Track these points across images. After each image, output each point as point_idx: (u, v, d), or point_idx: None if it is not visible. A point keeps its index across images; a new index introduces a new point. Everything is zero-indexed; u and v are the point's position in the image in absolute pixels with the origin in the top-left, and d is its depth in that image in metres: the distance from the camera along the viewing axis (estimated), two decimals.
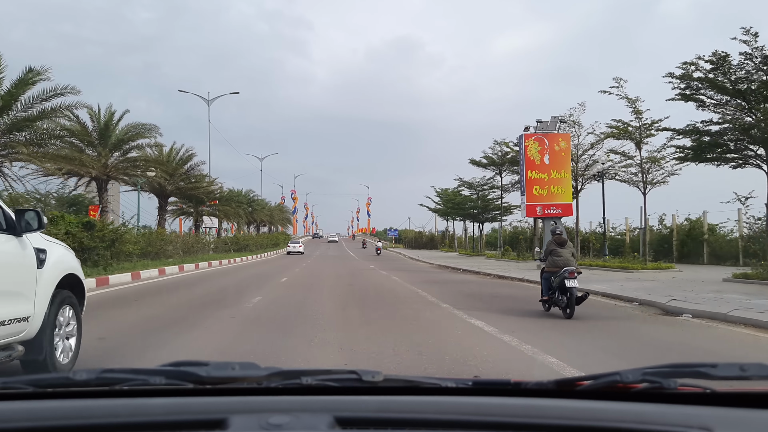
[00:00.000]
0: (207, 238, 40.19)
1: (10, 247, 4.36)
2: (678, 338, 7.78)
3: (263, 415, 1.12)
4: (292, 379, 1.30)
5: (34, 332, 4.51)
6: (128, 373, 1.29)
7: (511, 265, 27.58)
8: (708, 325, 8.74)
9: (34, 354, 4.52)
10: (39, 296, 4.57)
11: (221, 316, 9.40)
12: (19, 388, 1.28)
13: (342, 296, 13.31)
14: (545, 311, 9.88)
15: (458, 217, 55.31)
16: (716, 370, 1.24)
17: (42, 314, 4.59)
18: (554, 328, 8.40)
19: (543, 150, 25.78)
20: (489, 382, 1.39)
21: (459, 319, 9.33)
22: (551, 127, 26.11)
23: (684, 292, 12.87)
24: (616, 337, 7.96)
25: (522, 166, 26.28)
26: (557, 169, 25.76)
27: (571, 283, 9.05)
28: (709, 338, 7.83)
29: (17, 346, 4.35)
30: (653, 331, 8.35)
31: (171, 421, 1.16)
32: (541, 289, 10.07)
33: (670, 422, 1.14)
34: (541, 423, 1.17)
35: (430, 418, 1.18)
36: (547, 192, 25.73)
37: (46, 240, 4.97)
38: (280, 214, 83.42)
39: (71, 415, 1.18)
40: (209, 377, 1.28)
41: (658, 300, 11.17)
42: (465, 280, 19.49)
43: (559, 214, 25.78)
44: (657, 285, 14.99)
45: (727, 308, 9.57)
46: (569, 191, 26.12)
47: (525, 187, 26.00)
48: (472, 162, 39.87)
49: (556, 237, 9.89)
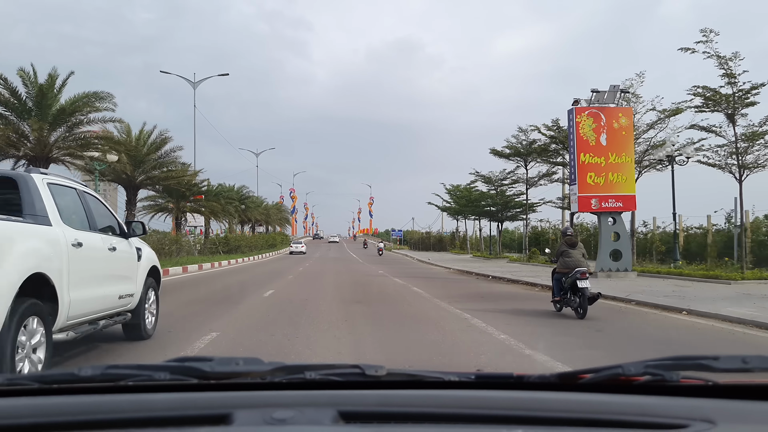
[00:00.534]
0: (189, 239, 35.17)
1: (124, 246, 6.42)
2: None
3: (267, 410, 1.13)
4: (295, 374, 1.31)
5: (135, 304, 6.61)
6: (133, 368, 1.30)
7: (545, 271, 22.22)
8: None
9: (134, 320, 6.61)
10: (138, 280, 6.73)
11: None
12: (24, 384, 1.30)
13: (352, 331, 8.06)
14: (556, 312, 10.01)
15: (471, 215, 50.61)
16: (718, 362, 1.24)
17: (140, 292, 6.72)
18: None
19: (599, 128, 20.44)
20: (492, 376, 1.40)
21: None
22: (609, 99, 20.74)
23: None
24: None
25: (572, 148, 20.90)
26: (616, 152, 20.42)
27: (583, 283, 9.25)
28: None
29: (127, 314, 6.48)
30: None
31: (176, 416, 1.17)
32: (552, 290, 10.28)
33: (672, 414, 1.15)
34: (543, 416, 1.18)
35: (433, 411, 1.20)
36: (604, 180, 20.36)
37: (140, 241, 7.11)
38: (278, 213, 78.46)
39: (76, 410, 1.18)
40: (213, 372, 1.28)
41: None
42: (515, 295, 14.23)
43: (619, 208, 20.40)
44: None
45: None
46: (631, 179, 20.70)
47: (576, 175, 20.62)
48: (493, 152, 35.09)
49: (567, 238, 10.13)
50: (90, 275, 5.48)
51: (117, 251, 6.15)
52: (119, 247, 6.25)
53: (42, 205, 4.91)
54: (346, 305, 11.14)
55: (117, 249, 6.15)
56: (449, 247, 63.73)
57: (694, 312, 9.93)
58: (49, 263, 4.61)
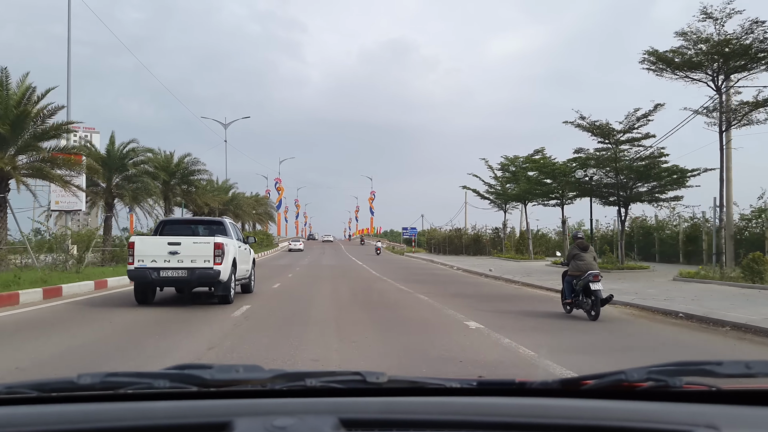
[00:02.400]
0: (29, 236, 21.27)
1: (246, 247, 13.42)
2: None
3: (268, 418, 1.12)
4: (296, 381, 1.30)
5: (248, 276, 13.40)
6: (132, 376, 1.29)
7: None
8: None
9: (247, 282, 13.28)
10: (249, 264, 13.54)
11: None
12: (23, 393, 1.28)
13: None
14: (566, 313, 10.22)
15: (538, 199, 33.88)
16: (721, 367, 1.23)
17: (250, 270, 13.66)
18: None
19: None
20: (494, 383, 1.39)
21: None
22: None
23: None
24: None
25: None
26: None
27: (596, 285, 9.51)
28: None
29: (245, 279, 13.00)
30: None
31: (175, 424, 1.16)
32: (562, 292, 10.49)
33: (675, 421, 1.14)
34: (546, 423, 1.17)
35: (434, 419, 1.18)
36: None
37: (247, 243, 13.95)
38: (257, 206, 63.01)
39: (75, 419, 1.17)
40: (213, 380, 1.27)
41: None
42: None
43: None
44: None
45: None
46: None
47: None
48: (652, 56, 19.73)
49: (578, 242, 10.46)
50: (242, 259, 12.45)
51: (245, 249, 13.24)
52: (245, 248, 13.28)
53: (231, 232, 12.36)
54: None
55: (245, 249, 13.26)
56: (492, 249, 45.35)
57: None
58: (237, 254, 11.79)
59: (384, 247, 49.45)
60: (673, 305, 10.92)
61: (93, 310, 10.56)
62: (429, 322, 9.43)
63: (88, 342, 7.36)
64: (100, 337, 7.73)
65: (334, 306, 11.67)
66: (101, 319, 9.28)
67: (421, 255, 50.96)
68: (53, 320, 9.23)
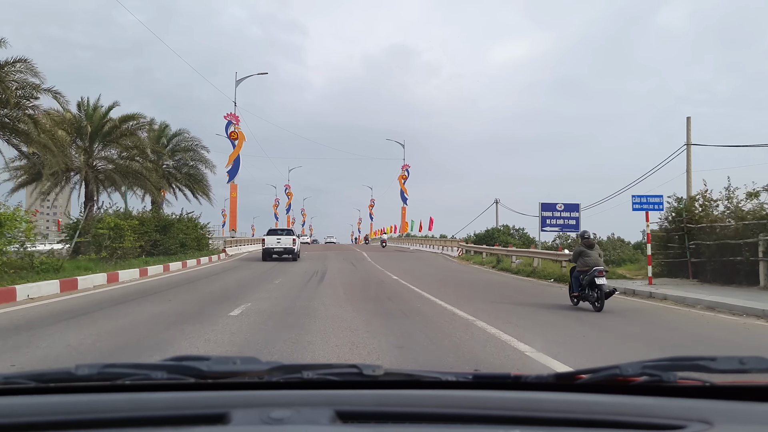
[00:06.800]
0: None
1: (295, 238, 30.58)
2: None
3: (264, 410, 1.12)
4: (293, 374, 1.30)
5: (298, 251, 30.16)
6: (130, 367, 1.29)
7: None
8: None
9: (295, 256, 28.67)
10: (298, 245, 30.07)
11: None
12: (21, 383, 1.28)
13: None
14: (573, 305, 10.93)
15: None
16: (715, 363, 1.23)
17: (298, 248, 30.60)
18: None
19: None
20: (489, 376, 1.38)
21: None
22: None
23: None
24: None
25: None
26: None
27: (601, 280, 10.20)
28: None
29: (296, 253, 29.32)
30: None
31: (173, 415, 1.16)
32: (570, 286, 11.30)
33: (669, 415, 1.15)
34: (540, 416, 1.17)
35: (430, 411, 1.19)
36: None
37: (298, 236, 32.83)
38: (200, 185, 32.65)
39: (73, 409, 1.17)
40: (210, 372, 1.27)
41: None
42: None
43: None
44: None
45: None
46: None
47: None
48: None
49: (585, 240, 11.23)
50: (298, 243, 30.85)
51: (298, 239, 30.31)
52: (296, 238, 29.47)
53: (295, 233, 32.26)
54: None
55: (298, 238, 30.38)
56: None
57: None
58: (298, 242, 30.37)
59: (387, 237, 53.71)
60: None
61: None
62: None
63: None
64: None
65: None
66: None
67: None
68: None
